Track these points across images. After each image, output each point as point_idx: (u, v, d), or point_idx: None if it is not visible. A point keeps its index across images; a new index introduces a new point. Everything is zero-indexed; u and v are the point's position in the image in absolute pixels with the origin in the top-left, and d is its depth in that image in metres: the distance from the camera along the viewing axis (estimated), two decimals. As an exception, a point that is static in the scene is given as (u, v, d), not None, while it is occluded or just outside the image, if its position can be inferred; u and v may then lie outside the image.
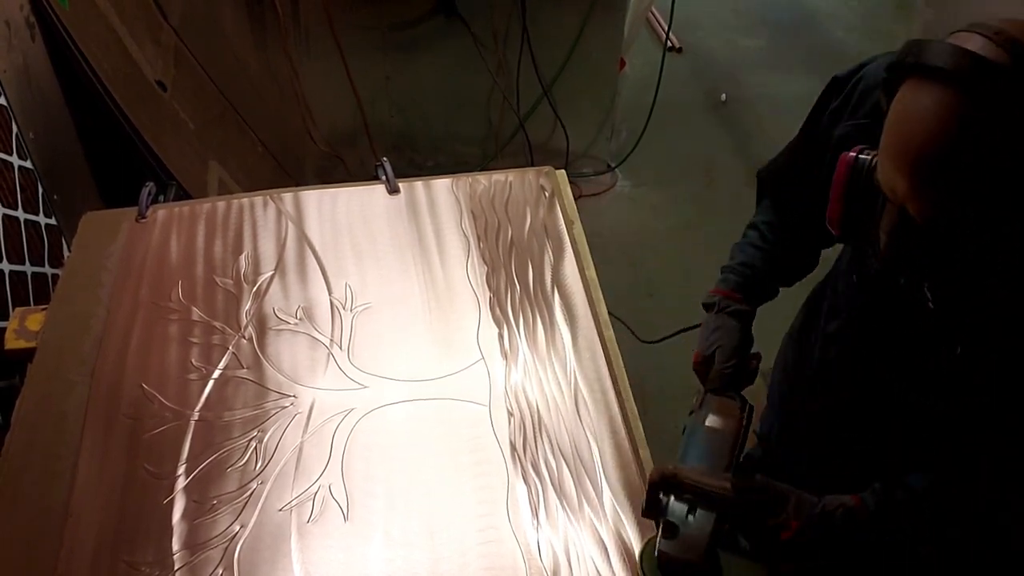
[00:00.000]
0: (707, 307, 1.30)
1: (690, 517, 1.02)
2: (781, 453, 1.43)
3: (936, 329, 1.01)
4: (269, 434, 1.18)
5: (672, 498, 1.04)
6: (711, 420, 1.15)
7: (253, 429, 1.19)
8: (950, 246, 0.88)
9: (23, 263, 1.67)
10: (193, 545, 1.06)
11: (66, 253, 1.84)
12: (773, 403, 1.49)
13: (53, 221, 1.85)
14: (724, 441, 1.13)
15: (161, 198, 1.58)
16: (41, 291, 1.72)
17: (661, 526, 1.02)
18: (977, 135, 0.77)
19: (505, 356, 1.29)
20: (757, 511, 1.04)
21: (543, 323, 1.34)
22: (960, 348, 0.97)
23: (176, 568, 1.04)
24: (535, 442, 1.18)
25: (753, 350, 1.27)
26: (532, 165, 1.70)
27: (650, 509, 1.05)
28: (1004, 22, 0.80)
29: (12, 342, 1.35)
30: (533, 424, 1.20)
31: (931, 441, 1.09)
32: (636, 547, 1.07)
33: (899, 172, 0.83)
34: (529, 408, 1.22)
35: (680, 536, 1.01)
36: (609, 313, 1.39)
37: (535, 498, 1.12)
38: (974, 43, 0.79)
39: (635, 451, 1.18)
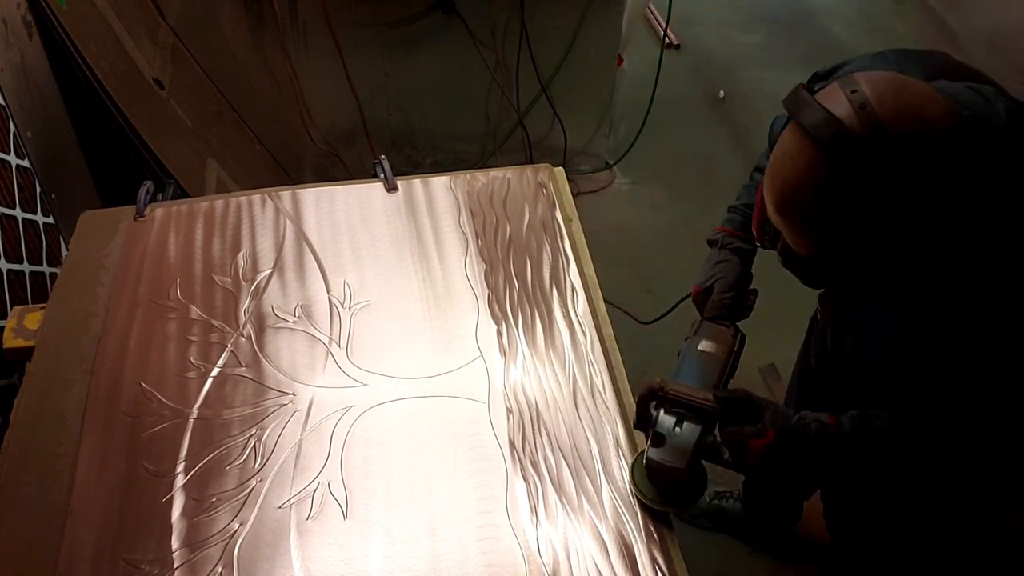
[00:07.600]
0: (711, 243, 1.38)
1: (677, 429, 1.10)
2: None
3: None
4: (268, 432, 1.18)
5: (662, 412, 1.11)
6: (704, 344, 1.24)
7: (252, 427, 1.19)
8: (815, 271, 1.04)
9: (21, 262, 1.67)
10: (193, 543, 1.06)
11: (64, 252, 1.84)
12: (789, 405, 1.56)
13: (51, 220, 1.85)
14: (715, 364, 1.21)
15: (159, 196, 1.58)
16: (39, 290, 1.72)
17: (650, 436, 1.10)
18: (825, 191, 0.91)
19: (504, 353, 1.29)
20: (736, 419, 1.10)
21: (542, 320, 1.34)
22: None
23: (176, 566, 1.04)
24: (534, 439, 1.18)
25: (752, 286, 1.35)
26: (531, 162, 1.70)
27: (640, 421, 1.15)
28: (871, 81, 0.91)
29: (10, 341, 1.35)
30: (532, 421, 1.20)
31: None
32: (635, 545, 1.07)
33: (769, 202, 0.98)
34: (528, 405, 1.22)
35: (667, 445, 1.09)
36: (606, 301, 1.40)
37: (534, 495, 1.12)
38: (838, 105, 0.90)
39: (634, 448, 1.18)
